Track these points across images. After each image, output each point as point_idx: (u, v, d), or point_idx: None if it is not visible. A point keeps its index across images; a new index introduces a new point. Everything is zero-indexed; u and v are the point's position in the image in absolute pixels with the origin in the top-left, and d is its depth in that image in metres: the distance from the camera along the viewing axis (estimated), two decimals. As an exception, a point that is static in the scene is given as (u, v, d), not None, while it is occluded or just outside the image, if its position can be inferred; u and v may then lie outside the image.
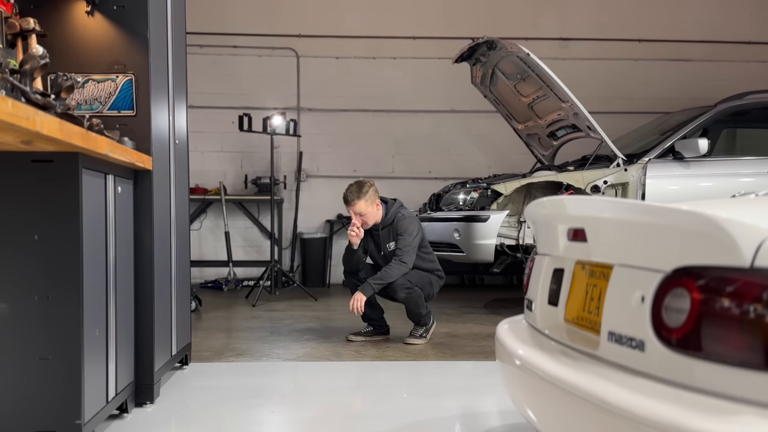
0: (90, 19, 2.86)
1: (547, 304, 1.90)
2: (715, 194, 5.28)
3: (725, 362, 1.24)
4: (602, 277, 1.61)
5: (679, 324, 1.32)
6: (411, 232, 4.46)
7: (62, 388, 2.17)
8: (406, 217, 4.53)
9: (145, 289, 2.90)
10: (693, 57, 8.60)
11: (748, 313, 1.22)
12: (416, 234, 4.48)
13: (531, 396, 1.77)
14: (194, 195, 7.57)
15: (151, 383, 2.91)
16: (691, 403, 1.25)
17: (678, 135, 5.63)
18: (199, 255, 8.11)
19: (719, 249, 1.28)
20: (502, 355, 1.96)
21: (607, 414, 1.36)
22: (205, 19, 7.94)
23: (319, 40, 8.33)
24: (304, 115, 8.32)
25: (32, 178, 2.15)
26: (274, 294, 6.97)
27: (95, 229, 2.36)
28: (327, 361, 3.94)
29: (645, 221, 1.50)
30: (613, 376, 1.45)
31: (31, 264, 2.15)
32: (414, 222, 4.54)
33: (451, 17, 8.36)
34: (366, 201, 4.46)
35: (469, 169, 8.15)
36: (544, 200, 1.98)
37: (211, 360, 3.90)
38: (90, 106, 2.86)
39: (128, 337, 2.77)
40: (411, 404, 3.07)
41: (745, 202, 1.93)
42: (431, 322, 4.62)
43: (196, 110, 6.87)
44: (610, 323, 1.53)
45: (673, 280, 1.35)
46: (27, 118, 1.69)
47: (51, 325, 2.16)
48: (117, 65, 2.86)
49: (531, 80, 5.68)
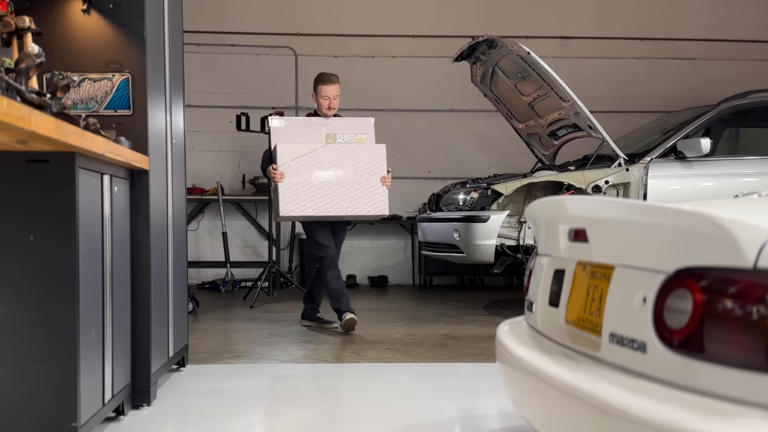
0: (86, 18, 2.84)
1: (548, 306, 1.88)
2: (718, 194, 5.24)
3: (728, 364, 1.23)
4: (603, 277, 1.60)
5: (682, 325, 1.31)
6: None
7: (58, 391, 2.15)
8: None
9: (142, 290, 2.88)
10: (695, 55, 8.59)
11: (751, 314, 1.21)
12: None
13: (532, 398, 1.76)
14: (191, 195, 7.53)
15: (148, 385, 2.88)
16: (693, 406, 1.24)
17: (680, 134, 5.60)
18: (196, 256, 8.07)
19: (722, 249, 1.27)
20: (503, 356, 1.95)
21: (608, 416, 1.35)
22: (202, 17, 7.89)
23: (317, 38, 8.30)
24: (302, 114, 8.27)
25: (28, 178, 2.14)
26: (272, 295, 6.94)
27: (91, 230, 2.34)
28: (325, 363, 3.92)
29: (647, 221, 1.49)
30: (614, 378, 1.44)
31: (27, 265, 2.14)
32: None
33: (451, 15, 8.34)
34: (339, 86, 4.89)
35: (469, 168, 8.13)
36: (545, 200, 1.97)
37: (209, 362, 3.88)
38: (86, 106, 2.84)
39: (125, 338, 2.75)
40: (411, 407, 3.05)
41: (748, 202, 1.92)
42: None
43: (194, 109, 6.84)
44: (611, 325, 1.52)
45: (675, 280, 1.35)
46: (22, 118, 1.67)
47: (46, 326, 2.15)
48: (113, 64, 2.84)
49: (531, 79, 5.66)
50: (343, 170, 4.63)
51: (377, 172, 4.68)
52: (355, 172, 4.65)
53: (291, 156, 4.60)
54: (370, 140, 4.80)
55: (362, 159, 4.69)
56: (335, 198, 4.62)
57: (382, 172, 4.70)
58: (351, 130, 4.83)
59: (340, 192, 4.63)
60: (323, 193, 4.60)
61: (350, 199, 4.64)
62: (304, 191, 4.59)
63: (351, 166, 4.65)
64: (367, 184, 4.66)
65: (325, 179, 4.61)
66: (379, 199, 4.70)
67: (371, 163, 4.69)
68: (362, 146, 4.72)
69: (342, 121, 4.92)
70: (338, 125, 4.85)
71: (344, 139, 4.77)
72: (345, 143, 4.71)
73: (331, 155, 4.65)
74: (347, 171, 4.63)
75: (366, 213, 4.73)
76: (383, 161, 4.71)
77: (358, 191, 4.65)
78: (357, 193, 4.65)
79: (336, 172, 4.62)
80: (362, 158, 4.69)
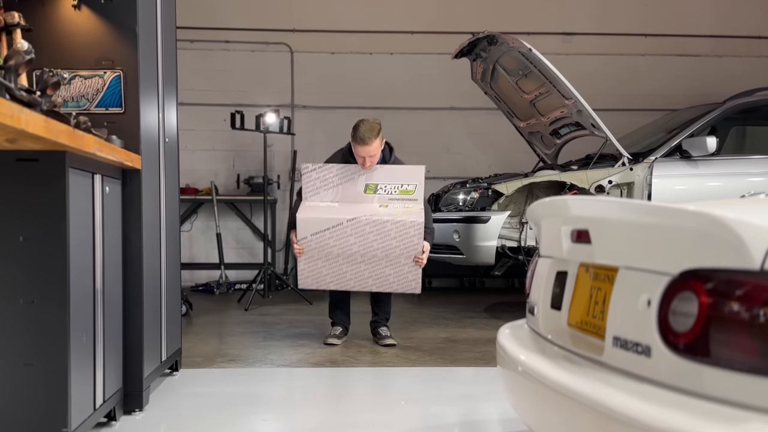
0: (77, 13, 2.80)
1: (550, 308, 1.88)
2: (724, 194, 5.23)
3: (734, 368, 1.22)
4: (607, 280, 1.60)
5: (687, 329, 1.30)
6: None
7: (48, 395, 2.13)
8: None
9: (134, 293, 2.85)
10: (700, 52, 8.55)
11: (758, 317, 1.20)
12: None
13: (533, 403, 1.76)
14: (185, 195, 7.47)
15: (140, 390, 2.86)
16: (699, 411, 1.23)
17: (685, 133, 5.56)
18: (189, 257, 8.02)
19: (728, 251, 1.27)
20: (504, 361, 1.94)
21: (612, 422, 1.35)
22: (195, 13, 7.82)
23: (313, 34, 8.25)
24: (298, 112, 8.25)
25: (17, 178, 2.12)
26: (268, 297, 6.87)
27: (82, 231, 2.32)
28: (322, 368, 3.88)
29: (651, 222, 1.48)
30: (618, 383, 1.43)
31: (16, 266, 2.12)
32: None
33: (451, 11, 8.30)
34: (380, 140, 4.17)
35: (469, 168, 8.10)
36: (547, 201, 1.96)
37: (202, 366, 3.84)
38: (77, 103, 2.81)
39: (116, 342, 2.72)
40: (409, 412, 3.02)
41: (754, 202, 1.93)
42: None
43: (187, 107, 6.76)
44: (615, 328, 1.51)
45: (680, 283, 1.34)
46: (11, 116, 1.66)
47: (36, 329, 2.13)
48: (105, 61, 2.81)
49: (533, 76, 5.62)
50: (371, 247, 4.09)
51: (411, 251, 4.10)
52: (384, 249, 4.08)
53: (312, 230, 4.11)
54: (419, 191, 4.18)
55: (394, 236, 4.07)
56: (360, 274, 4.17)
57: (417, 251, 4.12)
58: (397, 179, 4.22)
59: (365, 269, 4.15)
60: (347, 269, 4.16)
61: (377, 276, 4.18)
62: (325, 266, 4.18)
63: (380, 242, 4.08)
64: (398, 263, 4.13)
65: (349, 255, 4.12)
66: (411, 278, 4.19)
67: (404, 240, 4.06)
68: (395, 221, 4.04)
69: (386, 169, 4.27)
70: (381, 174, 4.24)
71: (387, 191, 4.18)
72: (373, 219, 4.05)
73: (358, 231, 4.07)
74: (376, 248, 4.09)
75: (394, 290, 4.30)
76: (419, 239, 4.07)
77: (386, 269, 4.15)
78: (385, 271, 4.16)
79: (362, 249, 4.10)
80: (394, 234, 4.06)
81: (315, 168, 4.28)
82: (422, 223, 4.06)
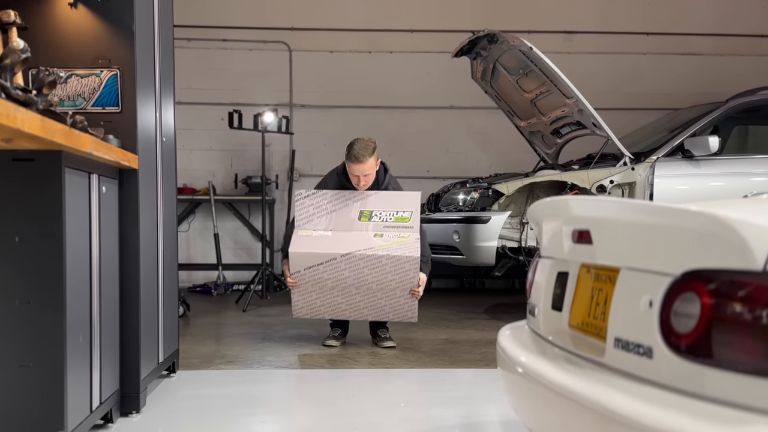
0: (73, 12, 2.79)
1: (551, 309, 1.87)
2: (727, 194, 5.21)
3: (737, 370, 1.22)
4: (608, 280, 1.59)
5: (689, 330, 1.30)
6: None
7: (44, 397, 2.12)
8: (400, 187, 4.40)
9: (131, 294, 2.84)
10: (703, 51, 8.53)
11: (761, 318, 1.20)
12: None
13: (534, 405, 1.75)
14: (182, 195, 7.47)
15: (137, 392, 2.85)
16: (701, 413, 1.23)
17: (687, 132, 5.55)
18: (187, 258, 7.98)
19: (730, 251, 1.26)
20: (504, 362, 1.93)
21: (613, 424, 1.34)
22: (193, 11, 7.80)
23: (312, 33, 8.23)
24: (296, 111, 8.23)
25: (13, 178, 2.11)
26: (266, 299, 6.85)
27: (79, 231, 2.31)
28: (320, 369, 3.87)
29: (653, 222, 1.48)
30: (619, 385, 1.43)
31: (12, 267, 2.11)
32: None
33: (451, 9, 8.28)
34: (375, 159, 4.13)
35: (469, 167, 8.08)
36: (548, 201, 1.96)
37: (200, 367, 3.83)
38: (73, 103, 2.80)
39: (113, 343, 2.71)
40: (408, 414, 3.01)
41: (757, 202, 1.90)
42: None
43: (184, 107, 6.77)
44: (616, 329, 1.51)
45: (682, 284, 1.34)
46: (7, 115, 1.64)
47: (32, 330, 2.12)
48: (101, 60, 2.80)
49: (534, 75, 5.61)
50: (366, 281, 4.07)
51: (407, 284, 4.08)
52: (379, 282, 4.06)
53: (305, 265, 4.08)
54: (415, 218, 4.16)
55: (390, 270, 4.02)
56: (355, 305, 4.17)
57: (413, 284, 4.10)
58: (392, 206, 4.19)
59: (360, 300, 4.14)
60: (341, 300, 4.15)
61: (372, 306, 4.17)
62: (320, 298, 4.16)
63: (376, 276, 4.05)
64: (393, 296, 4.13)
65: (344, 288, 4.11)
66: (407, 309, 4.18)
67: (400, 274, 4.03)
68: (390, 257, 3.99)
69: (381, 195, 4.23)
70: (376, 200, 4.20)
71: (382, 218, 4.15)
72: (367, 254, 4.00)
73: (352, 265, 4.03)
74: (371, 282, 4.07)
75: (390, 319, 4.33)
76: (414, 273, 4.03)
77: (382, 300, 4.14)
78: (381, 302, 4.15)
79: (357, 282, 4.07)
80: (390, 269, 4.01)
81: (308, 194, 4.25)
82: (418, 258, 4.01)
